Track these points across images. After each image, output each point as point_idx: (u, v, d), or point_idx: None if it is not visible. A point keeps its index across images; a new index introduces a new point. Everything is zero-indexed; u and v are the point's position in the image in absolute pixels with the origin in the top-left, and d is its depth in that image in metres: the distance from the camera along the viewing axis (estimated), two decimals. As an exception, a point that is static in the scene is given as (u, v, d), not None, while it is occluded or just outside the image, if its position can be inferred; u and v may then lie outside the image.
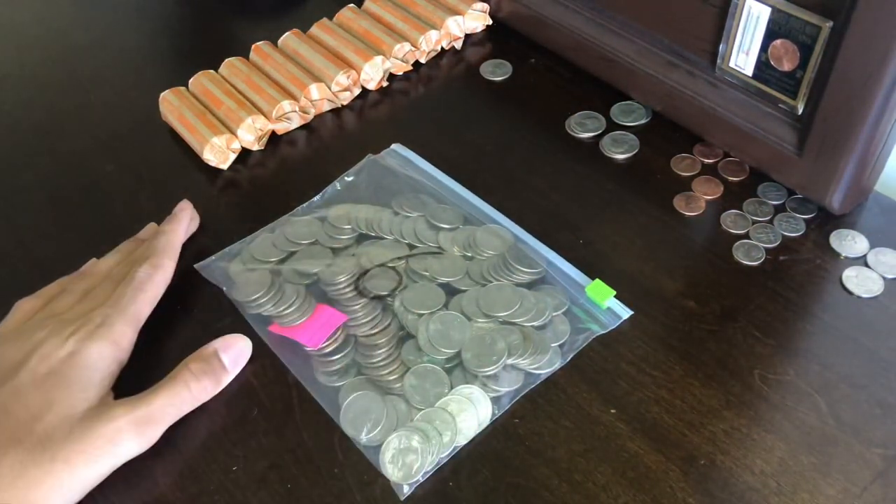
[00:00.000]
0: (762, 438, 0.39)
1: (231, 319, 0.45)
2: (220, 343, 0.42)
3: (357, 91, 0.59)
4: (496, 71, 0.60)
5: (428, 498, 0.38)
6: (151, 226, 0.49)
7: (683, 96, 0.51)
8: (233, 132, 0.54)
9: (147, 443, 0.38)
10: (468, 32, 0.63)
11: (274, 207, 0.51)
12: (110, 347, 0.39)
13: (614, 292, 0.44)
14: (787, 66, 0.45)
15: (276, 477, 0.39)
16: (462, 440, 0.39)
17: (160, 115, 0.57)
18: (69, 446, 0.36)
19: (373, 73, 0.58)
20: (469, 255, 0.47)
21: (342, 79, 0.57)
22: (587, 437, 0.39)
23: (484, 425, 0.40)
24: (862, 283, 0.45)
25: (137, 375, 0.41)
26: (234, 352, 0.42)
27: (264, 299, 0.44)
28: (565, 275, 0.46)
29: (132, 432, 0.37)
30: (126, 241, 0.48)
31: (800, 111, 0.46)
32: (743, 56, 0.47)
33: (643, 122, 0.55)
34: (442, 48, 0.62)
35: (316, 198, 0.51)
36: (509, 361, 0.41)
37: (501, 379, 0.41)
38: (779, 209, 0.49)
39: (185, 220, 0.48)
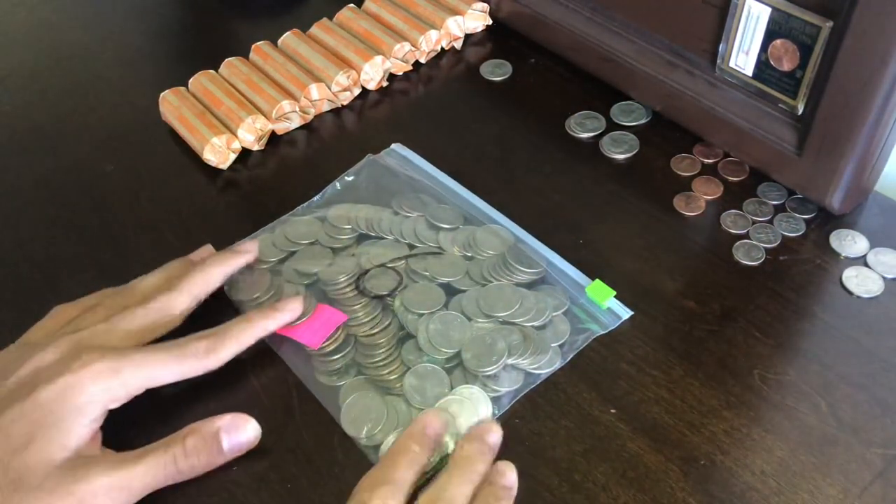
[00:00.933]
0: (762, 438, 0.39)
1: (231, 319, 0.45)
2: (225, 422, 0.38)
3: (357, 91, 0.59)
4: (496, 71, 0.60)
5: (428, 498, 0.37)
6: (207, 248, 0.47)
7: (683, 96, 0.51)
8: (233, 132, 0.54)
9: None
10: (468, 32, 0.63)
11: (274, 207, 0.51)
12: (104, 395, 0.37)
13: (614, 292, 0.44)
14: (787, 66, 0.45)
15: (276, 477, 0.39)
16: (462, 440, 0.39)
17: (160, 115, 0.57)
18: (39, 496, 0.34)
19: (373, 73, 0.58)
20: (469, 255, 0.47)
21: (342, 79, 0.57)
22: (587, 437, 0.39)
23: (484, 425, 0.40)
24: (862, 283, 0.45)
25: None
26: (237, 436, 0.38)
27: (264, 299, 0.44)
28: (565, 275, 0.46)
29: (106, 497, 0.35)
30: (175, 260, 0.45)
31: (800, 111, 0.46)
32: (743, 56, 0.47)
33: (643, 122, 0.55)
34: (442, 48, 0.62)
35: (316, 198, 0.51)
36: (509, 361, 0.41)
37: (501, 379, 0.41)
38: (779, 209, 0.49)
39: (268, 320, 0.42)
